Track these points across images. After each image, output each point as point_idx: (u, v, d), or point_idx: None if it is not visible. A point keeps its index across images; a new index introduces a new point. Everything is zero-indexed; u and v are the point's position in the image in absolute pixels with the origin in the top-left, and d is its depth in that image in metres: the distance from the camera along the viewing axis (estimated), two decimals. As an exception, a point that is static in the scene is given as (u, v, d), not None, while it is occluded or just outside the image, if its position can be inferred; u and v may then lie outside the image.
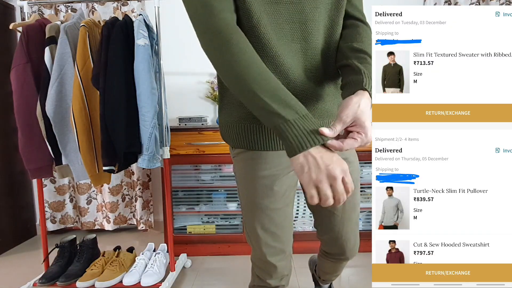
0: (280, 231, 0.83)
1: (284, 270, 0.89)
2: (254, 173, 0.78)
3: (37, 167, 1.49)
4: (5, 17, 2.24)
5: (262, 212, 0.79)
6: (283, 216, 0.83)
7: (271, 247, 0.83)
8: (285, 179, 0.80)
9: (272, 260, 0.84)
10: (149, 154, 1.45)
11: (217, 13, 0.66)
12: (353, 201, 0.87)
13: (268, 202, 0.79)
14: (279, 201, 0.80)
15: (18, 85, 1.44)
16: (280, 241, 0.84)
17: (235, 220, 2.09)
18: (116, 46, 1.38)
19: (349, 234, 0.92)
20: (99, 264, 1.61)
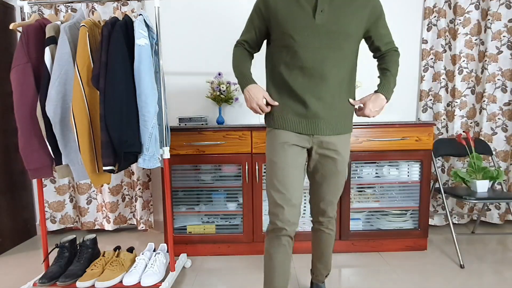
0: (287, 183, 1.16)
1: (289, 216, 1.17)
2: (273, 141, 1.22)
3: (37, 167, 1.49)
4: (5, 17, 2.24)
5: (275, 166, 1.18)
6: (289, 174, 1.17)
7: (280, 193, 1.16)
8: (290, 148, 1.19)
9: (280, 202, 1.16)
10: (149, 154, 1.45)
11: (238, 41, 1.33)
12: (335, 180, 1.26)
13: (278, 160, 1.18)
14: (286, 161, 1.17)
15: (18, 85, 1.44)
16: (286, 190, 1.16)
17: (235, 220, 2.09)
18: (116, 46, 1.38)
19: (328, 204, 1.30)
20: (99, 264, 1.61)
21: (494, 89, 2.29)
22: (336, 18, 1.11)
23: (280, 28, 1.14)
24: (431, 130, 1.95)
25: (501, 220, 2.38)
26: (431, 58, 2.35)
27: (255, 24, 1.23)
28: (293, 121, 1.19)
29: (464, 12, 2.26)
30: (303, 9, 1.11)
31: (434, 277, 1.71)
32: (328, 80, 1.14)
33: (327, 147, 1.21)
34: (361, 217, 2.09)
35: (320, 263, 1.43)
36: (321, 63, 1.12)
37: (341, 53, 1.14)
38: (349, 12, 1.12)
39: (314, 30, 1.11)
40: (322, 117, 1.17)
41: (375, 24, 1.20)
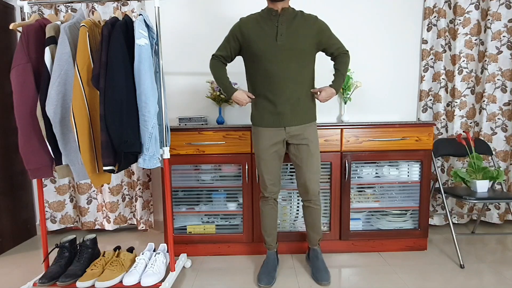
0: (269, 170, 1.66)
1: (272, 189, 1.70)
2: (257, 139, 1.67)
3: (37, 167, 1.49)
4: (5, 17, 2.24)
5: (260, 158, 1.66)
6: (270, 163, 1.65)
7: (265, 176, 1.67)
8: (270, 147, 1.63)
9: (266, 182, 1.68)
10: (149, 154, 1.45)
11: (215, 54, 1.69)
12: (311, 162, 1.63)
13: (263, 156, 1.65)
14: (267, 155, 1.64)
15: (18, 85, 1.44)
16: (269, 174, 1.67)
17: (235, 220, 2.09)
18: (116, 46, 1.38)
19: (310, 181, 1.66)
20: (99, 264, 1.61)
21: (494, 89, 2.29)
22: (292, 39, 1.51)
23: (251, 49, 1.55)
24: (431, 130, 1.95)
25: (501, 220, 2.38)
26: (431, 58, 2.35)
27: (230, 44, 1.62)
28: (268, 119, 1.61)
29: (464, 12, 2.26)
30: (268, 34, 1.52)
31: (434, 277, 1.71)
32: (290, 84, 1.54)
33: (299, 138, 1.62)
34: (361, 217, 2.09)
35: (313, 231, 1.78)
36: (284, 72, 1.53)
37: (299, 64, 1.54)
38: (301, 33, 1.53)
39: (277, 49, 1.51)
40: (288, 112, 1.58)
41: (324, 38, 1.60)
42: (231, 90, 1.64)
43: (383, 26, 2.37)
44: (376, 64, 2.40)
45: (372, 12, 2.36)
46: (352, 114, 2.44)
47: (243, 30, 1.57)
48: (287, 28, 1.52)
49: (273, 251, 1.80)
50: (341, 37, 2.38)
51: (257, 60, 1.54)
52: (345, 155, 1.95)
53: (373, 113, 2.43)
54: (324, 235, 2.01)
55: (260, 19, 1.55)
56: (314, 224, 1.76)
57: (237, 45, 1.61)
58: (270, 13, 1.54)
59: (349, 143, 1.94)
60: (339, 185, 1.97)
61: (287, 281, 1.70)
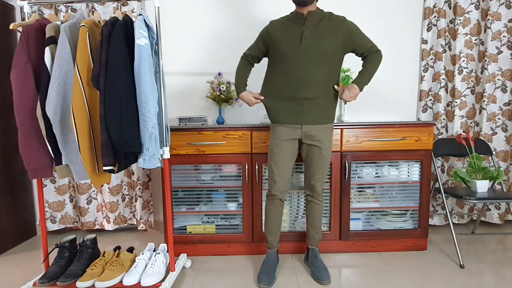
0: (279, 165, 1.67)
1: (280, 187, 1.69)
2: (273, 135, 1.70)
3: (37, 167, 1.49)
4: (5, 17, 2.24)
5: (273, 153, 1.68)
6: (283, 158, 1.66)
7: (275, 172, 1.68)
8: (284, 142, 1.66)
9: (275, 178, 1.69)
10: (149, 154, 1.45)
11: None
12: (321, 164, 1.68)
13: (276, 149, 1.67)
14: (280, 151, 1.66)
15: (18, 85, 1.44)
16: (279, 170, 1.67)
17: (235, 220, 2.09)
18: (116, 46, 1.38)
19: (317, 181, 1.72)
20: (99, 264, 1.61)
21: (494, 89, 2.29)
22: (316, 41, 1.55)
23: (277, 50, 1.61)
24: (431, 130, 1.95)
25: (501, 220, 2.38)
26: (431, 58, 2.35)
27: (259, 45, 1.71)
28: (286, 116, 1.64)
29: (464, 12, 2.26)
30: (293, 37, 1.57)
31: (434, 277, 1.71)
32: (312, 85, 1.57)
33: (312, 139, 1.65)
34: (361, 217, 2.09)
35: (313, 229, 1.81)
36: (307, 73, 1.56)
37: (323, 65, 1.57)
38: (326, 36, 1.55)
39: (301, 51, 1.55)
40: (306, 112, 1.61)
41: (352, 39, 1.61)
42: (239, 89, 1.72)
43: (383, 26, 2.37)
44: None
45: (372, 12, 2.35)
46: (352, 114, 2.44)
47: (270, 32, 1.63)
48: (312, 31, 1.55)
49: (274, 251, 1.80)
50: (341, 37, 2.37)
51: (282, 61, 1.59)
52: (345, 155, 1.95)
53: (373, 113, 2.43)
54: (324, 235, 2.01)
55: (288, 22, 1.61)
56: (314, 221, 1.79)
57: (264, 46, 1.69)
58: (297, 17, 1.59)
59: (349, 143, 1.94)
60: (339, 185, 1.97)
61: (287, 281, 1.70)
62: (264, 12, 2.35)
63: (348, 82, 2.28)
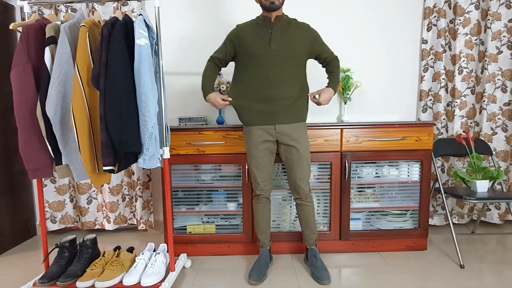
0: (260, 167, 1.71)
1: (263, 187, 1.75)
2: (249, 139, 1.72)
3: (37, 167, 1.49)
4: (5, 17, 2.24)
5: (251, 156, 1.72)
6: (262, 160, 1.70)
7: (256, 174, 1.73)
8: (260, 144, 1.69)
9: (258, 180, 1.74)
10: (149, 154, 1.45)
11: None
12: (301, 163, 1.69)
13: (254, 152, 1.71)
14: (258, 153, 1.70)
15: (18, 85, 1.44)
16: (259, 172, 1.72)
17: (235, 220, 2.09)
18: (116, 46, 1.38)
19: (300, 181, 1.71)
20: (99, 264, 1.61)
21: (494, 89, 2.29)
22: (285, 44, 1.61)
23: (246, 53, 1.64)
24: (431, 130, 1.95)
25: (501, 220, 2.38)
26: (431, 58, 2.35)
27: (227, 48, 1.72)
28: (258, 117, 1.67)
29: (464, 12, 2.26)
30: (262, 40, 1.62)
31: (434, 277, 1.71)
32: (282, 86, 1.62)
33: (287, 139, 1.67)
34: (361, 217, 2.09)
35: (307, 230, 1.81)
36: (276, 75, 1.61)
37: (291, 67, 1.63)
38: (294, 39, 1.63)
39: (270, 53, 1.61)
40: (278, 111, 1.64)
41: (317, 45, 1.72)
42: (206, 92, 1.73)
43: (383, 26, 2.36)
44: (376, 64, 2.39)
45: (372, 12, 2.35)
46: (352, 114, 2.44)
47: (239, 35, 1.67)
48: (281, 34, 1.62)
49: (266, 249, 1.84)
50: (341, 36, 2.38)
51: (252, 63, 1.63)
52: (345, 155, 1.94)
53: (373, 113, 2.43)
54: (324, 235, 2.01)
55: (256, 25, 1.66)
56: (308, 222, 1.79)
57: (232, 49, 1.71)
58: (264, 20, 1.64)
59: (349, 143, 1.94)
60: (339, 185, 1.97)
61: (287, 281, 1.70)
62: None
63: (348, 82, 2.28)
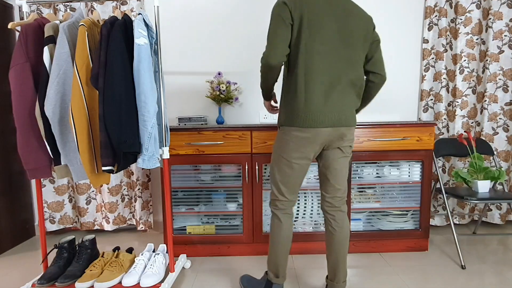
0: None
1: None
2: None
3: (36, 167, 1.48)
4: (4, 16, 2.23)
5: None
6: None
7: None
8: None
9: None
10: (148, 154, 1.44)
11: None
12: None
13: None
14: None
15: (17, 84, 1.43)
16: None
17: (235, 220, 2.08)
18: (115, 45, 1.37)
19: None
20: (98, 265, 1.60)
21: (495, 88, 2.28)
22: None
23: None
24: (432, 130, 1.94)
25: (502, 221, 2.37)
26: (432, 58, 2.34)
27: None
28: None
29: (465, 11, 2.25)
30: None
31: (435, 278, 1.70)
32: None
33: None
34: (361, 218, 2.08)
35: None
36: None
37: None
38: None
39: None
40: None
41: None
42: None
43: (384, 25, 2.36)
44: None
45: (373, 11, 2.34)
46: (353, 114, 2.43)
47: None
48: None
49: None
50: (342, 36, 2.36)
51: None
52: (346, 155, 1.93)
53: (373, 113, 2.42)
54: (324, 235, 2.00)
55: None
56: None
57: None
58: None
59: (350, 143, 1.93)
60: (339, 186, 1.96)
61: (287, 282, 1.69)
62: (263, 13, 2.34)
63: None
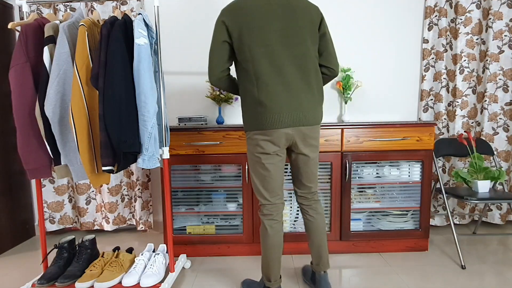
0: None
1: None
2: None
3: (36, 167, 1.48)
4: (4, 16, 2.23)
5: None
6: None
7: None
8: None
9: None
10: (148, 154, 1.44)
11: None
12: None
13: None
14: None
15: (17, 84, 1.43)
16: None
17: (235, 220, 2.08)
18: (115, 45, 1.37)
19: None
20: (98, 265, 1.60)
21: (495, 88, 2.28)
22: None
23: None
24: (432, 130, 1.94)
25: (502, 221, 2.37)
26: (432, 58, 2.34)
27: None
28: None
29: (465, 11, 2.25)
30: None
31: (435, 278, 1.70)
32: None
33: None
34: (361, 218, 2.08)
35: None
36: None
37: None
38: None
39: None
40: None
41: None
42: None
43: (384, 25, 2.35)
44: (376, 64, 2.38)
45: (373, 11, 2.34)
46: (353, 114, 2.43)
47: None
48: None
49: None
50: (341, 36, 2.37)
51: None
52: (346, 155, 1.93)
53: (373, 113, 2.42)
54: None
55: None
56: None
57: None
58: None
59: (350, 143, 1.93)
60: (339, 185, 1.96)
61: (287, 282, 1.69)
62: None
63: (348, 82, 2.28)
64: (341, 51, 2.37)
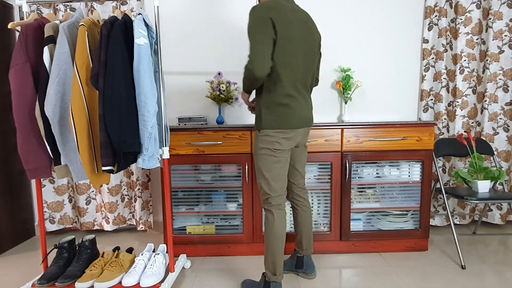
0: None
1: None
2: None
3: (36, 167, 1.48)
4: (4, 16, 2.23)
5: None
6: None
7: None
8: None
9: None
10: (148, 154, 1.44)
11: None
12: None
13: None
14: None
15: (17, 84, 1.43)
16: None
17: (235, 220, 2.08)
18: (115, 45, 1.37)
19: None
20: (98, 265, 1.60)
21: (495, 88, 2.28)
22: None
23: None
24: (432, 130, 1.94)
25: (502, 221, 2.37)
26: (432, 58, 2.34)
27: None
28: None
29: (465, 11, 2.25)
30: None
31: (435, 278, 1.70)
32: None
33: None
34: (361, 218, 2.08)
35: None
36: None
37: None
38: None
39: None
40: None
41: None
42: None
43: (384, 25, 2.35)
44: (377, 64, 2.38)
45: (373, 11, 2.34)
46: (353, 114, 2.43)
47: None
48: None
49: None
50: (341, 36, 2.37)
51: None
52: (346, 155, 1.93)
53: (373, 113, 2.42)
54: (325, 235, 2.00)
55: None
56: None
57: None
58: None
59: (350, 143, 1.93)
60: (339, 185, 1.96)
61: (287, 282, 1.69)
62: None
63: (348, 82, 2.28)
64: (341, 51, 2.37)
